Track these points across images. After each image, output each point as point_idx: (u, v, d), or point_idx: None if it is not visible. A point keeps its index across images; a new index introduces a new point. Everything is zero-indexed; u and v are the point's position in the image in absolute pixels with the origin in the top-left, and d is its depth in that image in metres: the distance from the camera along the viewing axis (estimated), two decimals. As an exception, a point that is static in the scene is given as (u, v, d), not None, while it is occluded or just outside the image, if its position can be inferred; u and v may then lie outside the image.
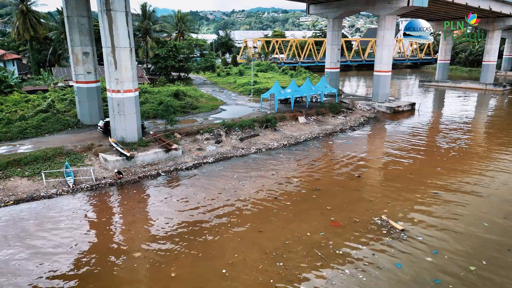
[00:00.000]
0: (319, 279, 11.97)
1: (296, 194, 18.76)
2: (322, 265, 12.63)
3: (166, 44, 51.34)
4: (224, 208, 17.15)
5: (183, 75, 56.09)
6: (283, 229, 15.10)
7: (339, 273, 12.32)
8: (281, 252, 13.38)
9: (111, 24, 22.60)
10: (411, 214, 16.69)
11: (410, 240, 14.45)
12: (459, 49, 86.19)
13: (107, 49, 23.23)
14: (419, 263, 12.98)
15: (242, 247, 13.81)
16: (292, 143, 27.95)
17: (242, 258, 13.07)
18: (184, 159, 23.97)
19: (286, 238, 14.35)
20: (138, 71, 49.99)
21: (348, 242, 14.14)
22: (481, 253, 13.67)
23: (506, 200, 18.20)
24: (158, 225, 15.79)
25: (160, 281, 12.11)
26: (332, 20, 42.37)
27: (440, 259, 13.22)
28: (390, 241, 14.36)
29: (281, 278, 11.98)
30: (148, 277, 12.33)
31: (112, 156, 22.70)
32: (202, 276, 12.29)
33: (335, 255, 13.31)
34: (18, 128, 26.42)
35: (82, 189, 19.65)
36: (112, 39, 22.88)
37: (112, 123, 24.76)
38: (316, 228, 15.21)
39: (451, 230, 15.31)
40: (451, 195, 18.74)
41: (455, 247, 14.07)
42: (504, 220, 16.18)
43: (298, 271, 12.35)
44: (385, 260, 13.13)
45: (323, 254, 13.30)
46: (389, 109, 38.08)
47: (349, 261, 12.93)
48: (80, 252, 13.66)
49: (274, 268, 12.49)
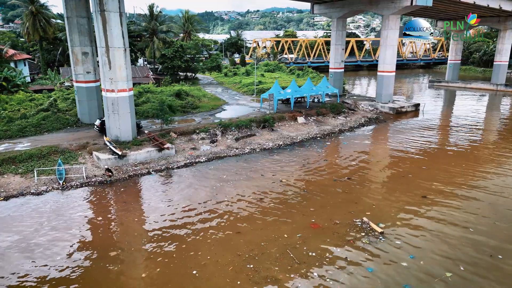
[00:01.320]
0: (285, 282, 11.83)
1: (281, 195, 18.61)
2: (292, 268, 12.49)
3: (173, 44, 51.75)
4: (206, 208, 17.14)
5: (190, 75, 56.44)
6: (261, 231, 15.00)
7: (307, 276, 12.15)
8: (254, 254, 13.29)
9: (105, 24, 22.89)
10: (395, 217, 16.35)
11: (388, 244, 14.15)
12: (473, 49, 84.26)
13: (101, 49, 23.54)
14: (392, 268, 12.70)
15: (217, 248, 13.78)
16: (287, 144, 27.77)
17: (215, 260, 13.03)
18: (177, 158, 24.09)
19: (263, 239, 14.25)
20: (144, 70, 50.58)
21: (324, 245, 13.93)
22: (462, 259, 13.28)
23: (500, 205, 17.64)
24: (136, 225, 15.90)
25: (129, 280, 12.17)
26: (336, 19, 41.93)
27: (416, 265, 12.90)
28: (367, 244, 14.09)
29: (248, 280, 11.89)
30: (118, 277, 12.40)
31: (104, 154, 22.99)
32: (171, 277, 12.31)
33: (308, 257, 13.14)
34: (18, 126, 27.03)
35: (71, 187, 19.96)
36: (106, 39, 23.17)
37: (107, 122, 25.09)
38: (295, 230, 15.06)
39: (434, 235, 14.93)
40: (441, 199, 18.28)
41: (435, 252, 13.70)
42: (492, 226, 15.68)
43: (267, 273, 12.24)
44: (357, 264, 12.89)
45: (295, 256, 13.15)
46: (392, 110, 37.45)
47: (320, 264, 12.74)
48: (54, 252, 13.85)
49: (244, 270, 12.40)
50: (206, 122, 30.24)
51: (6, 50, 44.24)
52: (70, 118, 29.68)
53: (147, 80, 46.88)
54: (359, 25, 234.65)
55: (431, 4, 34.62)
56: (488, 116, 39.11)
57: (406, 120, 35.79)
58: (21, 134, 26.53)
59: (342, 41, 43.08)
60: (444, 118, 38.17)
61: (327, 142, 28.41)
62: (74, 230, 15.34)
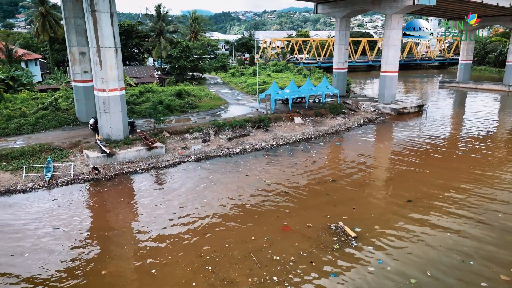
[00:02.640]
0: (242, 285, 11.64)
1: (261, 197, 18.40)
2: (252, 271, 12.28)
3: (179, 44, 52.12)
4: (181, 209, 17.09)
5: (197, 75, 56.73)
6: (229, 232, 14.84)
7: (265, 280, 11.92)
8: (216, 255, 13.14)
9: (96, 24, 23.15)
10: (375, 222, 15.90)
11: (359, 249, 13.77)
12: (489, 48, 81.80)
13: (92, 49, 23.85)
14: (356, 274, 12.34)
15: (181, 248, 13.70)
16: (280, 144, 27.51)
17: (176, 260, 12.96)
18: (166, 158, 24.17)
19: (228, 242, 14.08)
20: (150, 70, 51.12)
21: (290, 249, 13.66)
22: (431, 264, 12.80)
23: (486, 211, 16.96)
24: (108, 223, 15.97)
25: (88, 277, 12.22)
26: (340, 19, 41.36)
27: (382, 270, 12.50)
28: (337, 249, 13.75)
29: (204, 282, 11.76)
30: (78, 273, 12.46)
31: (93, 152, 23.27)
32: (131, 274, 12.30)
33: (271, 261, 12.91)
34: (16, 124, 27.65)
35: (57, 184, 20.27)
36: (97, 39, 23.44)
37: (99, 121, 25.39)
38: (265, 233, 14.83)
39: (410, 240, 14.45)
40: (426, 204, 17.70)
41: (406, 258, 13.26)
42: (472, 231, 15.07)
43: (225, 275, 12.08)
44: (321, 268, 12.58)
45: (258, 259, 12.94)
46: (393, 111, 36.64)
47: (282, 269, 12.49)
48: (17, 245, 14.05)
49: (202, 271, 12.28)
50: (201, 122, 30.26)
51: (16, 50, 45.43)
52: (68, 116, 30.19)
53: (152, 80, 47.37)
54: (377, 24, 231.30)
55: (435, 3, 33.69)
56: (495, 119, 37.77)
57: (407, 122, 34.94)
58: (18, 132, 27.13)
59: (346, 41, 42.46)
60: (448, 120, 37.08)
61: (320, 143, 27.99)
62: (43, 228, 15.51)
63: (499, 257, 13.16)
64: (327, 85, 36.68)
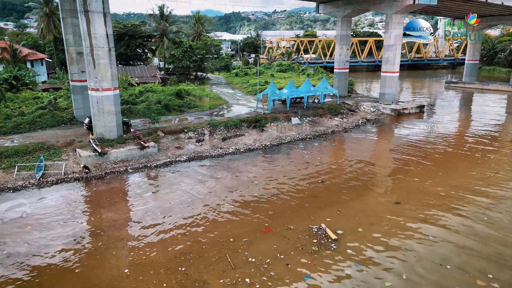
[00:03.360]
0: (212, 286, 11.53)
1: (246, 197, 18.27)
2: (225, 273, 12.16)
3: (182, 44, 52.27)
4: (163, 208, 17.05)
5: (201, 75, 56.84)
6: (207, 234, 14.74)
7: (237, 282, 11.79)
8: (191, 256, 13.06)
9: (89, 24, 23.31)
10: (358, 224, 15.64)
11: (338, 251, 13.55)
12: (499, 48, 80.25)
13: (86, 49, 24.01)
14: (331, 277, 12.13)
15: (157, 249, 13.65)
16: (274, 144, 27.33)
17: (150, 260, 12.91)
18: (158, 157, 24.20)
19: (206, 243, 13.99)
20: (152, 70, 51.35)
21: (268, 250, 13.51)
22: (409, 267, 12.52)
23: (472, 215, 16.56)
24: (89, 222, 16.01)
25: (63, 275, 12.25)
26: (341, 19, 41.00)
27: (358, 273, 12.27)
28: (316, 250, 13.54)
29: (176, 283, 11.68)
30: (51, 271, 12.50)
31: (86, 151, 23.41)
32: (104, 273, 12.29)
33: (246, 262, 12.77)
34: (14, 123, 28.00)
35: (47, 182, 20.44)
36: (91, 39, 23.60)
37: (93, 120, 25.56)
38: (244, 234, 14.70)
39: (391, 244, 14.17)
40: (414, 206, 17.35)
41: (384, 260, 13.00)
42: (456, 236, 14.70)
43: (198, 277, 11.98)
44: (296, 271, 12.39)
45: (234, 261, 12.81)
46: (393, 111, 36.14)
47: (255, 271, 12.34)
48: None
49: (175, 272, 12.20)
50: (198, 122, 30.25)
51: (20, 50, 46.07)
52: (65, 116, 30.47)
53: (154, 80, 47.59)
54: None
55: (436, 3, 33.12)
56: (498, 122, 36.94)
57: (406, 122, 34.41)
58: (15, 130, 27.45)
59: (347, 41, 42.10)
60: (449, 121, 36.38)
61: (315, 143, 27.73)
62: (21, 228, 15.61)
63: (477, 264, 12.81)
64: (326, 85, 36.38)
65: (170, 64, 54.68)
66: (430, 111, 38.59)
